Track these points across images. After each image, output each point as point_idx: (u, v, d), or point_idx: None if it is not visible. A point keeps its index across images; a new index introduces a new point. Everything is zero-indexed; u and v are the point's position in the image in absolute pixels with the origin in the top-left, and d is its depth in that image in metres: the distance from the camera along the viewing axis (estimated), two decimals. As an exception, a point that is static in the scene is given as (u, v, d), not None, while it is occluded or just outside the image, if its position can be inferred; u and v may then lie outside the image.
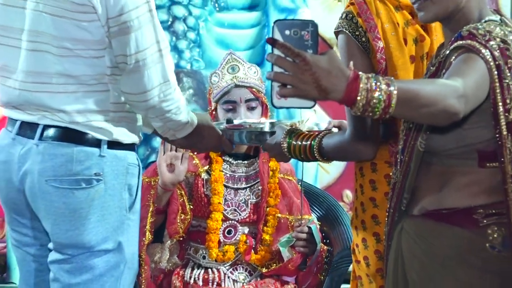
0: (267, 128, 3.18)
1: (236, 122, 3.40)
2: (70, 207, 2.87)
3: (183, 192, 3.77)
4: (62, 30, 2.83)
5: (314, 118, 5.11)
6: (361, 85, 2.26)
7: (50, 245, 2.94)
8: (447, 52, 2.55)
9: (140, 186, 3.02)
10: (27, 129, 2.91)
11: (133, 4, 2.80)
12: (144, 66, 2.83)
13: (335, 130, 3.12)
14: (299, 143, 2.98)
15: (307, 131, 3.05)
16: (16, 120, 2.94)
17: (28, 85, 2.89)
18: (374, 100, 2.26)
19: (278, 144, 3.04)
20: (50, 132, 2.87)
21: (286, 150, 3.00)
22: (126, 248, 2.97)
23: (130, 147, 2.98)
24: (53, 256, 2.94)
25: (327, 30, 4.85)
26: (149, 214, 3.66)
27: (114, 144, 2.91)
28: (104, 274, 2.93)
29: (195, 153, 3.73)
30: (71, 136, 2.88)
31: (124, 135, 2.94)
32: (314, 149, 2.94)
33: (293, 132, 3.01)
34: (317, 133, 2.99)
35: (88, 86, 2.86)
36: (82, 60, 2.85)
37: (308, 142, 2.96)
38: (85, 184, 2.87)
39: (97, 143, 2.88)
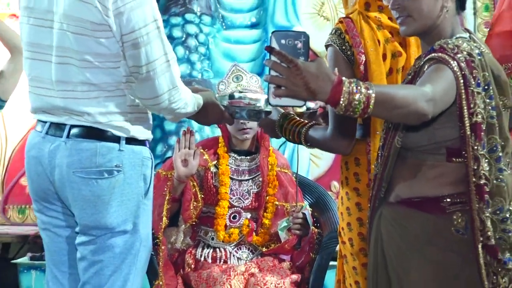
0: (262, 103, 3.19)
1: (236, 95, 3.41)
2: (94, 194, 2.88)
3: (195, 183, 3.77)
4: (84, 46, 2.85)
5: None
6: (344, 88, 2.30)
7: (77, 229, 2.96)
8: (422, 63, 2.58)
9: (153, 176, 3.03)
10: (55, 129, 2.93)
11: (142, 23, 2.82)
12: (155, 75, 2.86)
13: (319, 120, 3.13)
14: (290, 127, 3.02)
15: (298, 116, 3.08)
16: (46, 122, 2.95)
17: (57, 93, 2.91)
18: (355, 102, 2.30)
19: (272, 123, 3.10)
20: (76, 131, 2.89)
21: (278, 129, 3.07)
22: (142, 229, 2.98)
23: (144, 142, 3.00)
24: (80, 239, 2.96)
25: (317, 44, 4.88)
26: (166, 202, 3.67)
27: (131, 140, 2.93)
28: (123, 252, 2.94)
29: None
30: (94, 133, 2.89)
31: (139, 133, 2.96)
32: (302, 136, 2.98)
33: (287, 116, 3.06)
34: (305, 122, 3.02)
35: (108, 92, 2.88)
36: (101, 70, 2.86)
37: (297, 129, 3.00)
38: (107, 174, 2.89)
39: (116, 139, 2.90)
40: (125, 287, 2.96)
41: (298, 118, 3.05)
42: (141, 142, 2.98)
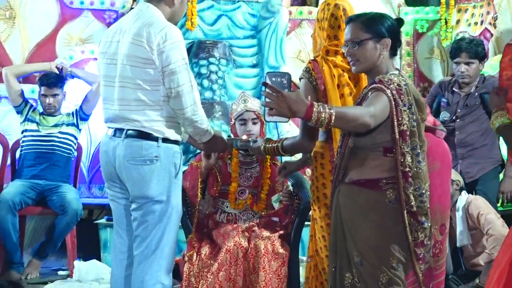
0: (251, 142, 3.29)
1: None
2: (140, 175, 2.91)
3: (216, 171, 3.74)
4: (136, 74, 2.87)
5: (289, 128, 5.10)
6: (314, 109, 2.38)
7: (130, 199, 2.97)
8: (366, 90, 2.60)
9: (182, 164, 3.03)
10: (117, 132, 2.93)
11: (175, 60, 2.84)
12: (182, 94, 2.86)
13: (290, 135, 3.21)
14: (270, 145, 3.10)
15: (274, 140, 3.15)
16: (112, 128, 2.96)
17: (117, 107, 2.92)
18: (322, 118, 2.37)
19: (259, 148, 3.17)
20: (130, 133, 2.90)
21: (263, 150, 3.13)
22: (173, 200, 2.97)
23: (175, 142, 2.99)
24: (132, 206, 2.97)
25: (296, 79, 4.87)
26: (199, 183, 3.65)
27: (166, 140, 2.93)
28: (160, 215, 2.94)
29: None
30: (141, 135, 2.90)
31: (172, 135, 2.95)
32: (279, 148, 3.05)
33: (267, 140, 3.15)
34: (279, 140, 3.09)
35: (150, 106, 2.89)
36: (147, 91, 2.88)
37: (275, 145, 3.07)
38: (149, 162, 2.90)
39: (156, 139, 2.91)
40: (162, 238, 2.95)
41: (274, 140, 3.13)
42: (173, 142, 2.97)
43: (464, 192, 4.24)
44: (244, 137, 3.46)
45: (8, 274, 4.56)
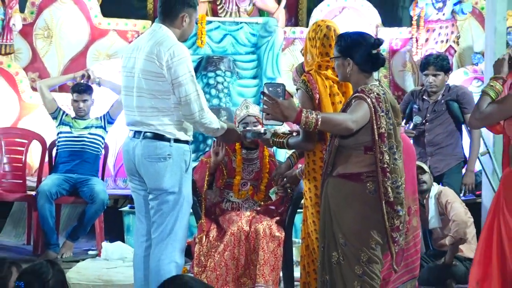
0: (262, 134, 3.18)
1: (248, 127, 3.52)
2: (156, 170, 2.89)
3: (223, 166, 3.71)
4: (150, 86, 2.86)
5: (283, 128, 5.07)
6: (302, 115, 2.39)
7: (148, 190, 2.95)
8: (350, 98, 2.58)
9: (191, 161, 3.00)
10: (136, 134, 2.92)
11: (182, 73, 2.83)
12: (190, 102, 2.83)
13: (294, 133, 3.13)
14: (277, 140, 3.01)
15: (282, 133, 3.06)
16: (132, 131, 2.95)
17: (136, 113, 2.92)
18: (309, 122, 2.37)
19: (268, 140, 3.08)
20: (147, 135, 2.88)
21: (271, 142, 3.04)
22: (184, 191, 2.94)
23: (185, 142, 2.96)
24: (150, 196, 2.95)
25: (289, 88, 4.85)
26: (206, 176, 3.63)
27: (177, 140, 2.90)
28: (173, 204, 2.92)
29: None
30: (156, 136, 2.88)
31: (182, 136, 2.93)
32: (284, 144, 2.97)
33: (275, 134, 3.04)
34: (286, 135, 3.01)
35: (163, 112, 2.87)
36: (160, 100, 2.86)
37: (282, 140, 2.99)
38: (163, 159, 2.88)
39: (168, 140, 2.89)
40: (175, 224, 2.93)
41: (281, 134, 3.04)
42: (184, 142, 2.94)
43: (435, 184, 4.25)
44: (259, 127, 3.40)
45: (46, 254, 4.55)
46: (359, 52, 2.58)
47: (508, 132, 2.83)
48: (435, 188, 4.20)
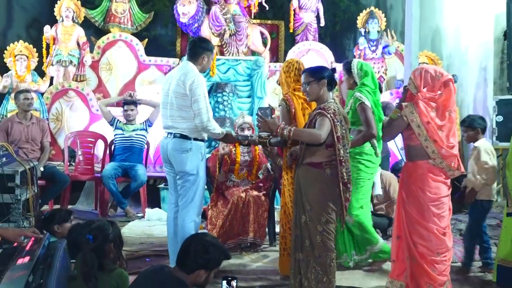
0: (249, 135, 3.13)
1: (240, 133, 3.45)
2: (181, 159, 2.82)
3: (227, 157, 3.65)
4: (179, 102, 2.79)
5: (266, 134, 4.96)
6: (279, 129, 2.32)
7: (176, 173, 2.87)
8: (314, 113, 2.48)
9: (206, 153, 2.91)
10: (169, 135, 2.83)
11: (198, 94, 2.77)
12: (201, 114, 2.75)
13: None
14: (262, 140, 2.84)
15: (265, 136, 2.85)
16: (167, 132, 2.86)
17: (169, 120, 2.83)
18: (284, 133, 2.30)
19: (254, 140, 2.97)
20: (176, 135, 2.80)
21: (257, 142, 2.88)
22: (200, 173, 2.86)
23: (201, 140, 2.87)
24: (177, 177, 2.86)
25: (273, 104, 4.77)
26: (217, 164, 3.56)
27: (195, 139, 2.82)
28: (193, 182, 2.84)
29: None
30: (181, 136, 2.81)
31: (199, 136, 2.85)
32: (267, 142, 2.81)
33: (260, 136, 2.87)
34: (268, 137, 2.82)
35: (186, 120, 2.81)
36: (184, 111, 2.79)
37: (266, 140, 2.83)
38: (186, 152, 2.80)
39: (189, 138, 2.80)
40: (195, 195, 2.85)
41: (265, 137, 2.80)
42: (200, 140, 2.86)
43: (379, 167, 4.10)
44: (246, 132, 3.38)
45: (114, 208, 4.53)
46: (328, 73, 2.53)
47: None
48: (379, 171, 4.06)
